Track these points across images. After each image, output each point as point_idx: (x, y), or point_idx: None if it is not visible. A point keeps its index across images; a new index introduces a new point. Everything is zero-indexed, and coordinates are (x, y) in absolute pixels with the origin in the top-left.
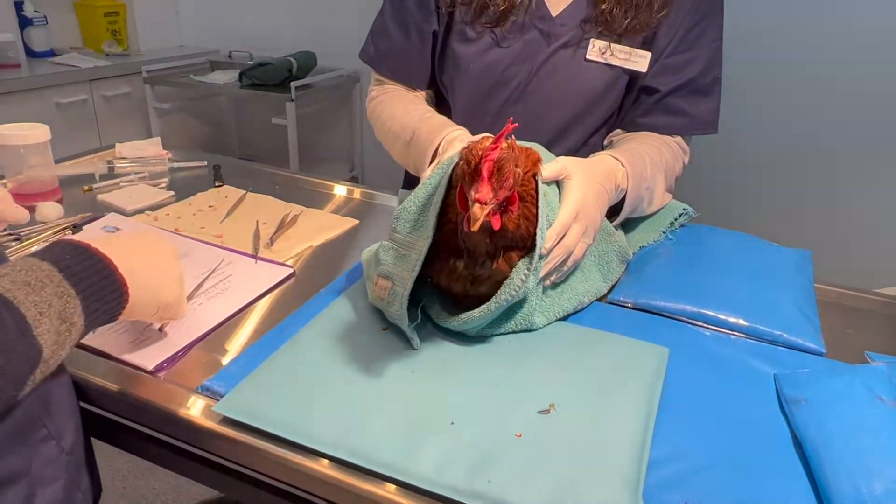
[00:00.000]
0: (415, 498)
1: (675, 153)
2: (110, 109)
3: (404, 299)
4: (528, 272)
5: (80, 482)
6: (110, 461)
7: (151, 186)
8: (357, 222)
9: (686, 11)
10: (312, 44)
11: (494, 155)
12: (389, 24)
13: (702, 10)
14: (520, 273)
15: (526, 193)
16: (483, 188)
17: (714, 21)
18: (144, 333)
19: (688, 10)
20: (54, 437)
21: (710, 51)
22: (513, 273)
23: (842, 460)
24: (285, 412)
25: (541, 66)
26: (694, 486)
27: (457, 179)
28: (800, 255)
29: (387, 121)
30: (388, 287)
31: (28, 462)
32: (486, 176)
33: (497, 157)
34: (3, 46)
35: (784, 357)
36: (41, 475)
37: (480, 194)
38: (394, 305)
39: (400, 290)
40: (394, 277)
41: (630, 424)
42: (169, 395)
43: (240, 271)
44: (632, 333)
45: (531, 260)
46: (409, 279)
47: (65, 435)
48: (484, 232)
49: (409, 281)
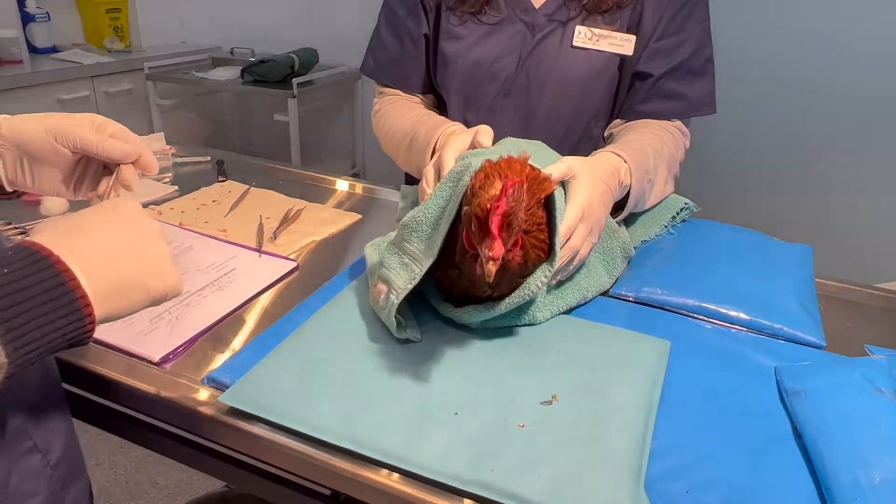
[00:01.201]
0: (419, 487)
1: (677, 139)
2: (113, 106)
3: (394, 308)
4: (545, 279)
5: (64, 499)
6: (113, 455)
7: (155, 181)
8: (360, 217)
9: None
10: (314, 40)
11: (503, 209)
12: (384, 36)
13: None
14: (536, 280)
15: (532, 225)
16: (495, 245)
17: (700, 1)
18: (151, 325)
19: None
20: (41, 450)
21: (699, 31)
22: (529, 280)
23: (841, 451)
24: (290, 402)
25: (527, 57)
26: (695, 476)
27: (466, 220)
28: (801, 249)
29: (388, 132)
30: (384, 292)
31: (6, 473)
32: (497, 233)
33: (505, 212)
34: (6, 43)
35: (784, 350)
36: (19, 488)
37: (493, 252)
38: (384, 311)
39: (392, 298)
40: (391, 284)
41: (632, 415)
42: (175, 386)
43: (244, 265)
44: (633, 327)
45: (548, 268)
46: (404, 290)
47: (52, 448)
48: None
49: (403, 292)
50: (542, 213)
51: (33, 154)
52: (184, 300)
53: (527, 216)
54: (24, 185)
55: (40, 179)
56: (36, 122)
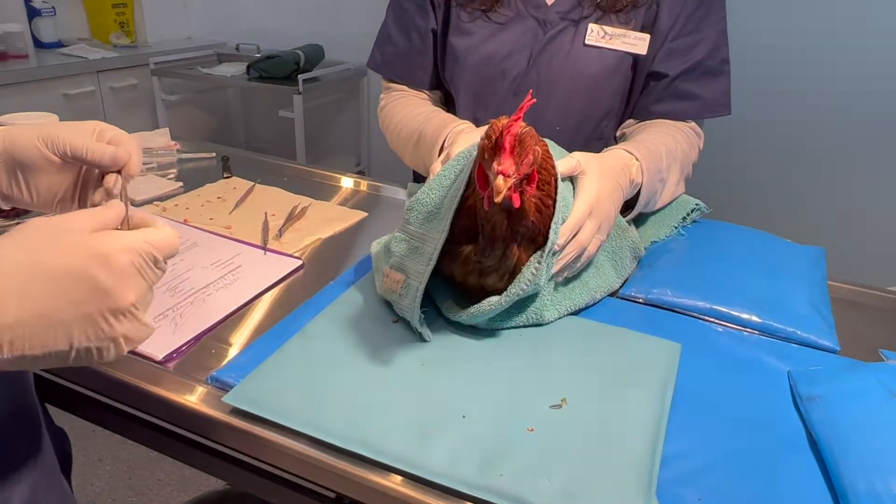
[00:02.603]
0: (426, 491)
1: (691, 140)
2: (118, 101)
3: (419, 293)
4: (538, 265)
5: None
6: (116, 451)
7: (160, 177)
8: (366, 215)
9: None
10: (320, 37)
11: (516, 129)
12: (392, 31)
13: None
14: (531, 267)
15: (543, 182)
16: (506, 160)
17: (717, 1)
18: (155, 323)
19: None
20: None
21: (716, 31)
22: (524, 268)
23: (857, 458)
24: (294, 403)
25: (538, 55)
26: (708, 483)
27: (477, 158)
28: (813, 251)
29: (395, 128)
30: (402, 280)
31: None
32: (509, 149)
33: (518, 132)
34: (12, 37)
35: (798, 354)
36: None
37: (503, 166)
38: (406, 298)
39: (415, 284)
40: (408, 270)
41: (643, 419)
42: (178, 386)
43: (249, 263)
44: (643, 329)
45: (543, 254)
46: (424, 273)
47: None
48: (503, 211)
49: (424, 275)
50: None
51: (25, 163)
52: (188, 298)
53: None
54: (23, 199)
55: (38, 193)
56: (30, 131)
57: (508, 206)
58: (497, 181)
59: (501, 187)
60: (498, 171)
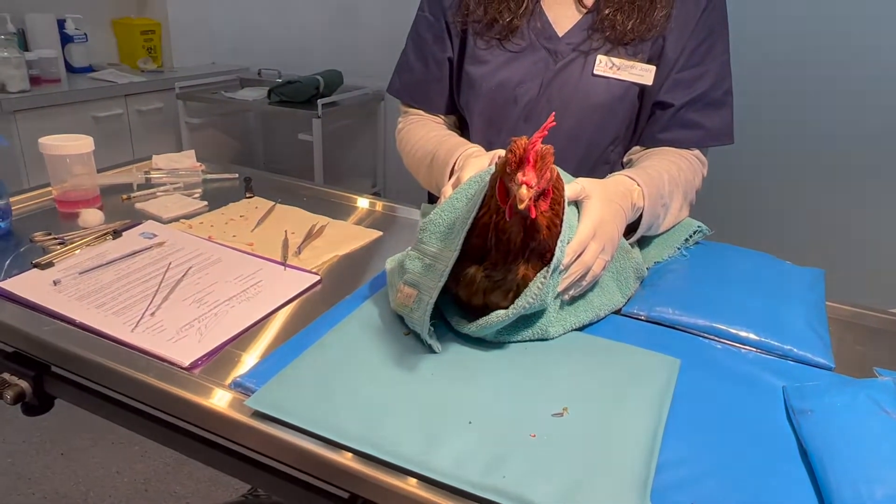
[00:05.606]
0: (434, 491)
1: (694, 167)
2: (144, 123)
3: (429, 306)
4: (544, 280)
5: None
6: (132, 464)
7: (186, 196)
8: (381, 234)
9: (694, 26)
10: (339, 63)
11: (538, 146)
12: (411, 59)
13: (709, 25)
14: (537, 282)
15: (554, 201)
16: (530, 172)
17: (721, 35)
18: (181, 332)
19: (695, 25)
20: None
21: (719, 64)
22: (531, 283)
23: (845, 467)
24: (312, 408)
25: (549, 83)
26: (701, 489)
27: (498, 174)
28: (812, 273)
29: (411, 150)
30: (414, 295)
31: None
32: (532, 162)
33: (540, 148)
34: (46, 62)
35: (793, 371)
36: None
37: (527, 178)
38: (417, 312)
39: (426, 298)
40: (420, 286)
41: (640, 428)
42: (203, 390)
43: (269, 278)
44: (645, 345)
45: (549, 270)
46: (435, 289)
47: None
48: (520, 223)
49: (434, 291)
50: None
51: None
52: (213, 309)
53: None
54: None
55: None
56: None
57: (527, 215)
58: (521, 190)
59: (525, 196)
60: (522, 182)
